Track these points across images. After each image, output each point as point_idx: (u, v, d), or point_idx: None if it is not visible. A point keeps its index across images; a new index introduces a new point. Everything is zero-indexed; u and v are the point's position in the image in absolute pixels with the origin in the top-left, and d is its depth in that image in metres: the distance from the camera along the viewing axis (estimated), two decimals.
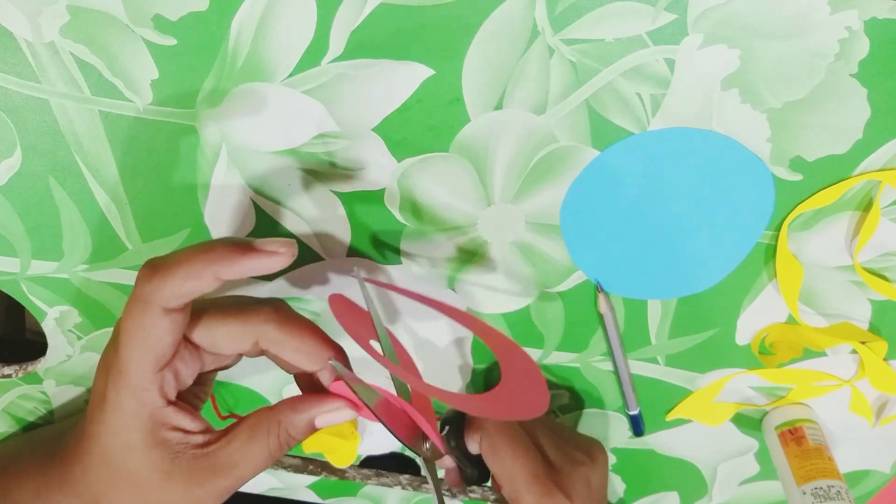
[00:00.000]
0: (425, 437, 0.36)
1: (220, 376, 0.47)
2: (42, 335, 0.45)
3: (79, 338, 0.45)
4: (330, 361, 0.32)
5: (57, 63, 0.34)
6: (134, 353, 0.29)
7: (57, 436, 0.41)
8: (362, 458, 0.52)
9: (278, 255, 0.29)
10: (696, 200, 0.36)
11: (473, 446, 0.39)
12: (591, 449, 0.42)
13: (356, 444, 0.49)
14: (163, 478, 0.30)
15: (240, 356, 0.34)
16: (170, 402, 0.31)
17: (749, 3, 0.32)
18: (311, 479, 0.53)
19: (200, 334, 0.31)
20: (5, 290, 0.42)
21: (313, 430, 0.33)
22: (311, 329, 0.33)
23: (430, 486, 0.37)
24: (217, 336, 0.31)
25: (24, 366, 0.47)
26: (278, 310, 0.32)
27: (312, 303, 0.43)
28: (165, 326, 0.29)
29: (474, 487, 0.53)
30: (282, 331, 0.32)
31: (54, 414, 0.49)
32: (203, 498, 0.31)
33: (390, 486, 0.53)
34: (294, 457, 0.52)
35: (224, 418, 0.48)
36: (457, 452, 0.39)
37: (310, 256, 0.41)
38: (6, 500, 0.40)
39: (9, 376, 0.47)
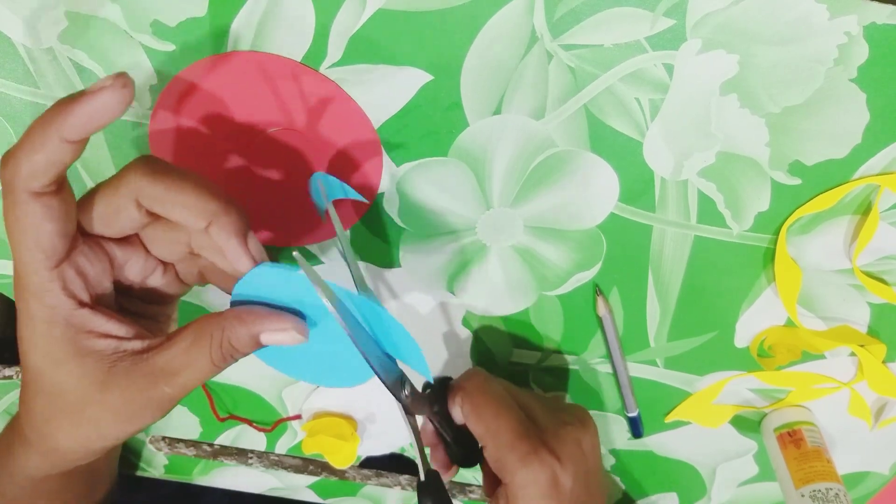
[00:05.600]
0: (403, 383, 0.33)
1: (219, 378, 0.47)
2: None
3: None
4: (294, 254, 0.28)
5: (55, 68, 0.34)
6: (21, 251, 0.27)
7: None
8: (362, 458, 0.52)
9: (108, 90, 0.25)
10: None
11: (457, 413, 0.37)
12: (580, 413, 0.39)
13: (356, 446, 0.50)
14: (98, 389, 0.29)
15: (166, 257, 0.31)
16: (84, 305, 0.28)
17: (748, 9, 0.32)
18: (312, 479, 0.54)
19: (84, 216, 0.29)
20: (5, 294, 0.42)
21: (258, 345, 0.29)
22: (193, 180, 0.29)
23: (412, 439, 0.34)
24: (97, 208, 0.29)
25: None
26: (149, 163, 0.29)
27: None
28: (39, 212, 0.26)
29: (474, 487, 0.53)
30: (157, 183, 0.28)
31: None
32: (144, 406, 0.29)
33: (390, 487, 0.53)
34: (294, 457, 0.52)
35: (223, 420, 0.48)
36: (438, 419, 0.37)
37: (309, 260, 0.41)
38: None
39: (10, 378, 0.47)
